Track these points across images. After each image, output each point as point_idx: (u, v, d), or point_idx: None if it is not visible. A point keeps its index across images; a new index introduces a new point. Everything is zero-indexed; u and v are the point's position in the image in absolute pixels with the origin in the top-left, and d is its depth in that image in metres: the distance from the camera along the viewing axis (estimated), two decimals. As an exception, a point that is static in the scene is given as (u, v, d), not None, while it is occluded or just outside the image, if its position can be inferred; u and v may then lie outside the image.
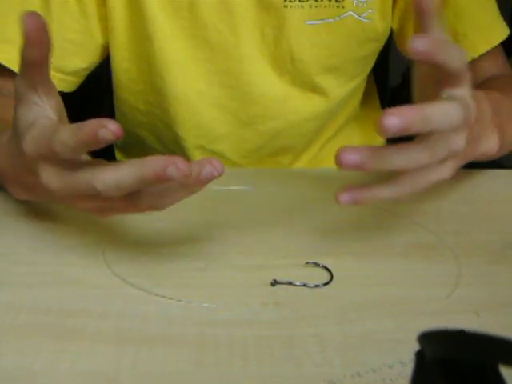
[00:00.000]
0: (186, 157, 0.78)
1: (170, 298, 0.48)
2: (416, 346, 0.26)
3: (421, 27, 0.48)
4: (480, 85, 0.72)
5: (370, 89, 0.89)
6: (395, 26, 0.76)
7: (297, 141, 0.80)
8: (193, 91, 0.74)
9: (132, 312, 0.46)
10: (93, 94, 0.94)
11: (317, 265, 0.52)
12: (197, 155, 0.78)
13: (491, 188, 0.65)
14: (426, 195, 0.64)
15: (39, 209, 0.60)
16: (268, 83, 0.74)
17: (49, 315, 0.46)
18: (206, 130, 0.77)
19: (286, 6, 0.69)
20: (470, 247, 0.54)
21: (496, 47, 0.75)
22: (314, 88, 0.76)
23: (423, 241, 0.56)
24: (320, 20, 0.71)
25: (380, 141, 0.91)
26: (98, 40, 0.73)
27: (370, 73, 0.86)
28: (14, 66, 0.67)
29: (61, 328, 0.45)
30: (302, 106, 0.77)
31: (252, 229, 0.58)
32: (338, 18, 0.71)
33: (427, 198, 0.64)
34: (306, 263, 0.52)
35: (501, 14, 0.76)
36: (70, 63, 0.72)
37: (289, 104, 0.76)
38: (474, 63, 0.73)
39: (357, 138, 0.88)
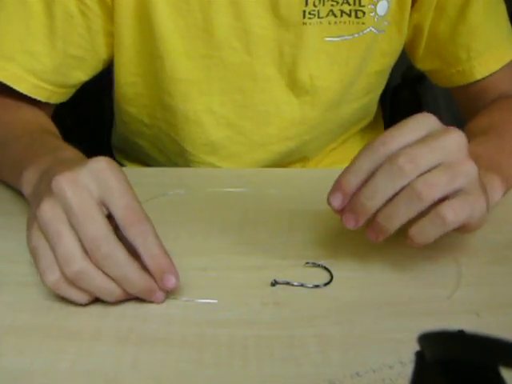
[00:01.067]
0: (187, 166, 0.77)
1: (170, 300, 0.48)
2: (416, 346, 0.26)
3: None
4: (486, 109, 0.71)
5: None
6: (407, 39, 0.75)
7: (309, 154, 0.80)
8: (204, 110, 0.73)
9: (132, 312, 0.46)
10: (93, 96, 0.94)
11: (316, 265, 0.52)
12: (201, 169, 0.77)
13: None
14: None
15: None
16: (285, 103, 0.73)
17: (49, 315, 0.46)
18: (216, 149, 0.75)
19: (304, 24, 0.68)
20: (470, 247, 0.54)
21: (508, 63, 0.75)
22: (331, 106, 0.75)
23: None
24: (339, 37, 0.69)
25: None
26: (102, 55, 0.71)
27: None
28: (14, 83, 0.66)
29: (61, 328, 0.45)
30: (318, 125, 0.76)
31: (252, 229, 0.58)
32: (357, 35, 0.69)
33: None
34: (306, 263, 0.52)
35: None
36: (72, 78, 0.70)
37: (305, 124, 0.75)
38: (485, 80, 0.74)
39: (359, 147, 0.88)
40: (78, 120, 0.65)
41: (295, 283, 0.49)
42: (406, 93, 1.25)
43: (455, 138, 0.46)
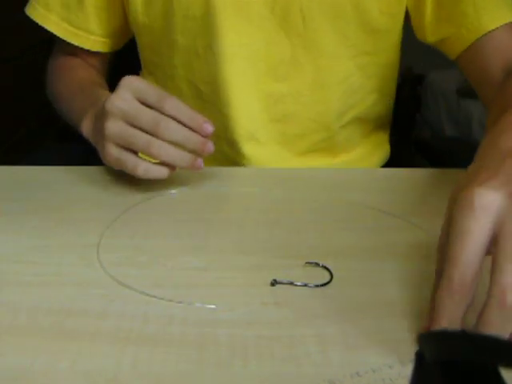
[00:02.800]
0: (208, 116, 0.80)
1: (170, 300, 0.48)
2: (416, 346, 0.26)
3: None
4: (502, 88, 0.69)
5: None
6: (410, 6, 0.75)
7: (302, 109, 0.79)
8: (204, 46, 0.76)
9: (132, 312, 0.46)
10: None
11: (317, 265, 0.52)
12: (214, 115, 0.78)
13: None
14: (425, 196, 0.65)
15: (39, 209, 0.60)
16: (276, 42, 0.75)
17: (49, 315, 0.46)
18: (217, 89, 0.78)
19: None
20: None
21: None
22: (322, 54, 0.76)
23: (422, 241, 0.56)
24: None
25: (386, 149, 0.91)
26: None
27: (390, 99, 0.86)
28: (55, 29, 0.83)
29: (61, 328, 0.45)
30: (308, 72, 0.77)
31: (252, 229, 0.58)
32: None
33: (426, 199, 0.64)
34: (306, 263, 0.52)
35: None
36: (99, 27, 0.83)
37: (296, 67, 0.76)
38: (495, 37, 0.72)
39: (364, 143, 0.87)
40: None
41: (295, 283, 0.49)
42: (406, 93, 1.25)
43: None
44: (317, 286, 0.49)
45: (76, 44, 0.84)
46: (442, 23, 0.75)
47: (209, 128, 0.61)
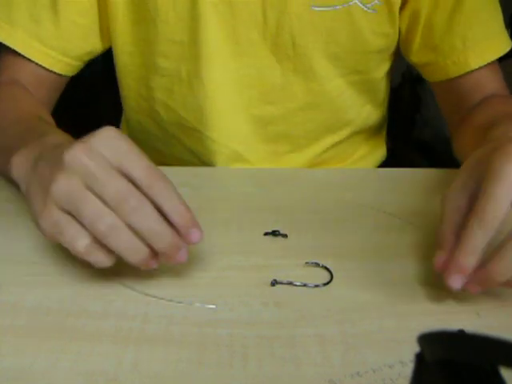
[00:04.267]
0: (183, 144, 0.79)
1: (170, 300, 0.48)
2: (416, 346, 0.26)
3: None
4: (481, 105, 0.71)
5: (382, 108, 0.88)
6: (403, 27, 0.75)
7: (293, 129, 0.79)
8: (193, 73, 0.74)
9: (132, 312, 0.46)
10: (96, 91, 0.94)
11: (317, 265, 0.52)
12: (195, 141, 0.78)
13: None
14: (425, 196, 0.65)
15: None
16: (267, 67, 0.74)
17: (49, 315, 0.46)
18: (203, 115, 0.76)
19: None
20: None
21: (495, 60, 0.74)
22: (313, 76, 0.75)
23: (422, 241, 0.56)
24: (325, 6, 0.70)
25: (382, 150, 0.91)
26: (99, 21, 0.74)
27: (385, 98, 0.85)
28: (21, 48, 0.71)
29: (61, 328, 0.45)
30: (300, 94, 0.76)
31: (252, 229, 0.58)
32: (344, 6, 0.70)
33: (426, 199, 0.64)
34: (306, 263, 0.52)
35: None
36: (75, 47, 0.73)
37: (287, 91, 0.76)
38: (477, 75, 0.73)
39: (362, 147, 0.87)
40: (80, 117, 0.66)
41: (295, 283, 0.49)
42: (406, 93, 1.25)
43: None
44: (316, 285, 0.49)
45: (44, 66, 0.72)
46: (428, 50, 0.75)
47: (196, 237, 0.46)
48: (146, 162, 0.45)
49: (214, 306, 0.47)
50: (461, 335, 0.23)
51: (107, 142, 0.45)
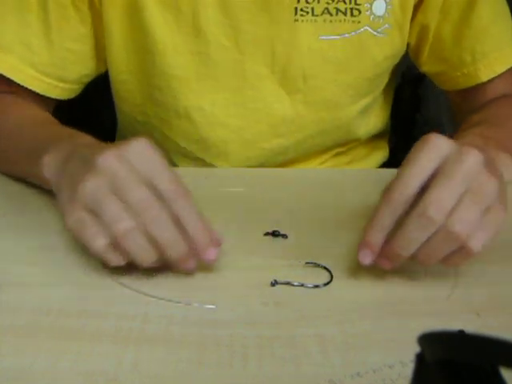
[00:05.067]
0: (186, 163, 0.77)
1: (169, 300, 0.48)
2: (416, 347, 0.26)
3: None
4: (484, 106, 0.72)
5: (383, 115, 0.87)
6: (412, 41, 0.74)
7: (302, 154, 0.79)
8: (194, 107, 0.72)
9: (132, 312, 0.46)
10: (94, 107, 0.93)
11: (317, 265, 0.52)
12: (196, 163, 0.76)
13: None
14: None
15: (40, 209, 0.60)
16: (276, 101, 0.72)
17: (49, 315, 0.46)
18: (207, 146, 0.75)
19: (296, 20, 0.67)
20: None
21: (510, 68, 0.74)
22: (325, 106, 0.74)
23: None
24: (335, 35, 0.69)
25: (384, 151, 0.91)
26: (94, 46, 0.71)
27: (386, 99, 0.85)
28: (12, 74, 0.68)
29: (61, 328, 0.45)
30: (310, 124, 0.75)
31: (252, 229, 0.58)
32: (353, 34, 0.69)
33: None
34: (306, 263, 0.52)
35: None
36: (71, 72, 0.71)
37: (297, 122, 0.74)
38: (488, 83, 0.73)
39: (363, 149, 0.86)
40: (79, 124, 0.66)
41: (295, 283, 0.49)
42: (406, 93, 1.25)
43: (472, 161, 0.46)
44: (316, 286, 0.49)
45: (39, 92, 0.70)
46: (438, 62, 0.75)
47: (212, 255, 0.48)
48: (174, 177, 0.48)
49: (213, 307, 0.47)
50: (461, 335, 0.23)
51: (139, 151, 0.47)
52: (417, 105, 1.28)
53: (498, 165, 0.51)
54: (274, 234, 0.56)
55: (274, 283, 0.49)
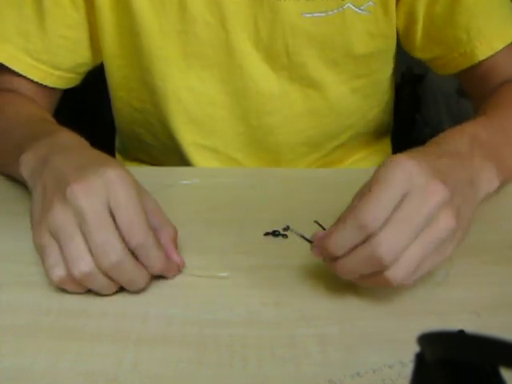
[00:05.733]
0: (180, 153, 0.78)
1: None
2: (416, 346, 0.26)
3: None
4: (493, 93, 0.70)
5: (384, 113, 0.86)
6: (400, 26, 0.73)
7: (293, 137, 0.79)
8: (183, 87, 0.74)
9: (132, 312, 0.46)
10: (90, 99, 0.93)
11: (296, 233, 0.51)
12: (192, 150, 0.77)
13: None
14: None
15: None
16: (263, 78, 0.73)
17: (49, 315, 0.46)
18: (198, 126, 0.76)
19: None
20: (470, 247, 0.54)
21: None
22: (311, 83, 0.74)
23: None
24: (317, 13, 0.69)
25: (386, 155, 0.90)
26: (88, 34, 0.72)
27: (389, 100, 0.84)
28: (10, 63, 0.70)
29: (61, 328, 0.45)
30: (298, 101, 0.76)
31: (252, 229, 0.58)
32: (336, 11, 0.69)
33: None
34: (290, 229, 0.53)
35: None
36: (66, 59, 0.72)
37: (284, 99, 0.75)
38: (489, 61, 0.71)
39: (363, 150, 0.86)
40: (79, 123, 0.66)
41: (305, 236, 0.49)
42: (406, 93, 1.25)
43: (434, 203, 0.44)
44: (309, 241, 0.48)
45: (36, 80, 0.71)
46: (433, 45, 0.73)
47: (175, 271, 0.51)
48: (132, 214, 0.46)
49: (225, 274, 0.50)
50: (461, 335, 0.23)
51: (107, 184, 0.46)
52: (417, 105, 1.28)
53: (479, 183, 0.51)
54: (274, 233, 0.56)
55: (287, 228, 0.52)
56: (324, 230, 0.49)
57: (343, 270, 0.45)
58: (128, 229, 0.46)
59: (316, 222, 0.51)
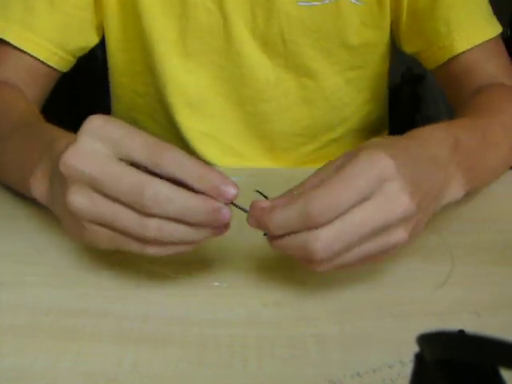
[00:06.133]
0: (181, 139, 0.78)
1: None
2: (416, 346, 0.26)
3: None
4: (471, 98, 0.68)
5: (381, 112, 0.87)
6: (392, 13, 0.74)
7: (288, 126, 0.79)
8: (182, 70, 0.74)
9: (132, 312, 0.46)
10: (88, 87, 0.93)
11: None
12: (191, 135, 0.78)
13: (491, 188, 0.65)
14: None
15: (39, 209, 0.60)
16: (259, 65, 0.74)
17: (49, 315, 0.46)
18: (196, 110, 0.77)
19: None
20: (470, 247, 0.54)
21: (495, 46, 0.72)
22: (306, 72, 0.75)
23: (423, 241, 0.56)
24: (313, 2, 0.70)
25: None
26: (94, 17, 0.73)
27: (385, 99, 0.84)
28: (17, 41, 0.69)
29: (61, 328, 0.45)
30: (293, 89, 0.76)
31: (252, 229, 0.57)
32: (331, 0, 0.70)
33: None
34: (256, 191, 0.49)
35: (500, 16, 0.74)
36: (71, 41, 0.72)
37: (280, 87, 0.76)
38: (469, 60, 0.71)
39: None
40: (77, 119, 0.65)
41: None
42: (405, 93, 1.25)
43: (398, 214, 0.42)
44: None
45: (41, 59, 0.70)
46: (415, 38, 0.74)
47: (231, 192, 0.42)
48: (143, 139, 0.42)
49: (225, 285, 0.49)
50: (461, 335, 0.23)
51: (96, 134, 0.42)
52: (416, 105, 1.28)
53: (445, 193, 0.50)
54: None
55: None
56: (265, 198, 0.46)
57: (274, 245, 0.44)
58: (148, 150, 0.41)
59: (257, 191, 0.47)
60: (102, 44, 0.77)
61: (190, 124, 0.78)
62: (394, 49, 0.79)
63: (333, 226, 0.41)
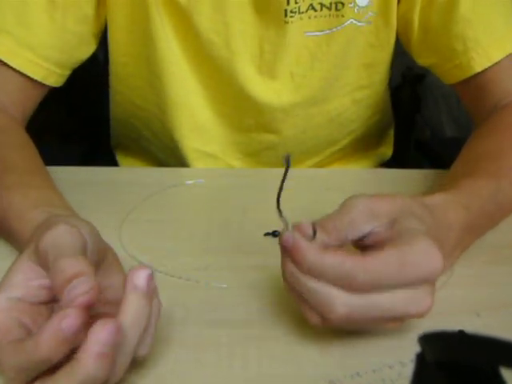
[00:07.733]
0: (180, 156, 0.77)
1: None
2: (416, 347, 0.26)
3: None
4: (487, 123, 0.66)
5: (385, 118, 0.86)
6: (400, 29, 0.71)
7: (293, 149, 0.78)
8: (190, 93, 0.73)
9: (132, 312, 0.46)
10: (88, 89, 0.93)
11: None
12: (190, 155, 0.76)
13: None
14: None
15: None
16: (266, 98, 0.72)
17: (49, 315, 0.46)
18: (198, 133, 0.75)
19: (286, 22, 0.67)
20: (470, 247, 0.54)
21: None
22: (315, 102, 0.74)
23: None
24: (320, 31, 0.68)
25: (388, 150, 0.90)
26: (95, 29, 0.69)
27: (388, 108, 0.84)
28: (7, 58, 0.64)
29: (61, 328, 0.45)
30: (300, 120, 0.75)
31: (252, 229, 0.58)
32: (339, 28, 0.68)
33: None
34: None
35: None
36: (70, 57, 0.68)
37: (286, 120, 0.74)
38: (488, 75, 0.67)
39: (363, 149, 0.86)
40: (77, 121, 0.65)
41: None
42: (406, 93, 1.25)
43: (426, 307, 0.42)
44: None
45: (36, 79, 0.65)
46: (429, 52, 0.71)
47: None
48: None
49: (225, 286, 0.48)
50: (461, 335, 0.23)
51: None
52: (417, 105, 1.28)
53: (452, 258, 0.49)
54: (274, 234, 0.56)
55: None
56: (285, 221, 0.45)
57: (291, 281, 0.42)
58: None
59: (279, 212, 0.46)
60: (104, 45, 0.73)
61: (189, 143, 0.76)
62: (394, 49, 0.79)
63: (364, 299, 0.39)
